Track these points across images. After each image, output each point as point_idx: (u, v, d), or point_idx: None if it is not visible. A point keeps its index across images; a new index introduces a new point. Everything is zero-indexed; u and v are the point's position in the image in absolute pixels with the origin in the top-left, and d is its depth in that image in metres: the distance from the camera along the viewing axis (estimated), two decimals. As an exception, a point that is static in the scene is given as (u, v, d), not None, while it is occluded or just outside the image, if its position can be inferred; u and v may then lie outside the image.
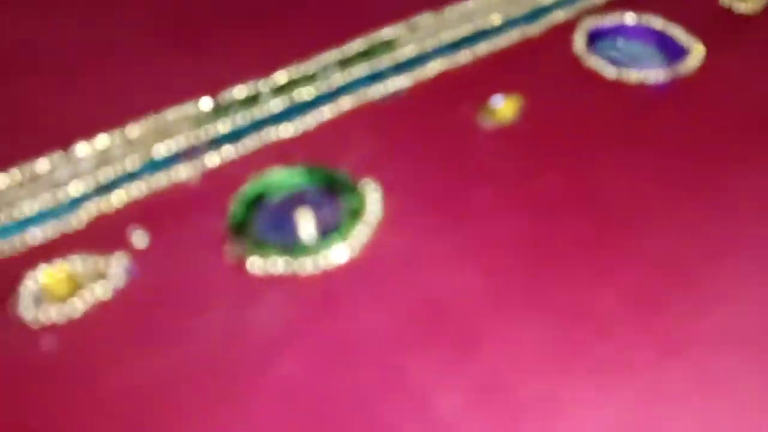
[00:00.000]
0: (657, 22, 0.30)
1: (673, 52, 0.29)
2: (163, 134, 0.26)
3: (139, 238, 0.23)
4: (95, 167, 0.25)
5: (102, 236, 0.23)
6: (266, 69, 0.29)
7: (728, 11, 0.32)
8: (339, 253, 0.22)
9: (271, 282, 0.22)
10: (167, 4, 0.33)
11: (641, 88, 0.28)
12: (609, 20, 0.31)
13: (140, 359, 0.20)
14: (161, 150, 0.26)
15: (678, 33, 0.30)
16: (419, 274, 0.22)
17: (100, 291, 0.22)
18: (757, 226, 0.23)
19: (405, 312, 0.21)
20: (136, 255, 0.23)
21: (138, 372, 0.20)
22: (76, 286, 0.22)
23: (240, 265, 0.22)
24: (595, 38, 0.30)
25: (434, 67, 0.29)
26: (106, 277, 0.22)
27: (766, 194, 0.24)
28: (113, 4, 0.34)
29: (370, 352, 0.20)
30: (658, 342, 0.20)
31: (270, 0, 0.33)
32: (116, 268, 0.22)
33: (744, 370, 0.20)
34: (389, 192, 0.24)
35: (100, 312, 0.21)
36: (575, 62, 0.29)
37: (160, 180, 0.25)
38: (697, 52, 0.29)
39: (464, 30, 0.30)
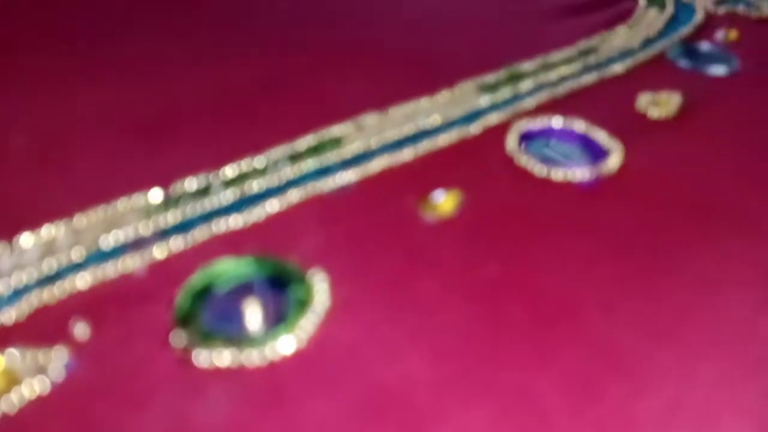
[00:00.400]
0: (581, 126, 0.33)
1: (596, 152, 0.32)
2: (111, 225, 0.27)
3: (81, 331, 0.23)
4: (39, 258, 0.25)
5: (43, 329, 0.23)
6: (218, 162, 0.30)
7: (644, 116, 0.35)
8: (286, 344, 0.23)
9: (218, 374, 0.22)
10: (123, 96, 0.34)
11: (568, 185, 0.30)
12: (538, 123, 0.33)
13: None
14: (109, 240, 0.26)
15: (600, 135, 0.33)
16: (366, 363, 0.22)
17: (38, 386, 0.21)
18: (689, 310, 0.25)
19: (352, 402, 0.21)
20: (78, 348, 0.22)
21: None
22: (13, 380, 0.21)
23: (186, 357, 0.22)
24: (526, 139, 0.33)
25: (379, 163, 0.30)
26: (45, 371, 0.21)
27: (692, 280, 0.26)
28: (67, 94, 0.34)
29: (317, 444, 0.20)
30: (596, 428, 0.21)
31: (224, 96, 0.35)
32: (56, 362, 0.22)
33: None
34: (337, 282, 0.25)
35: (38, 408, 0.21)
36: (508, 161, 0.31)
37: (107, 271, 0.25)
38: (617, 153, 0.32)
39: (407, 129, 0.32)
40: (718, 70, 0.39)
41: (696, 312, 0.25)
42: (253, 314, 0.24)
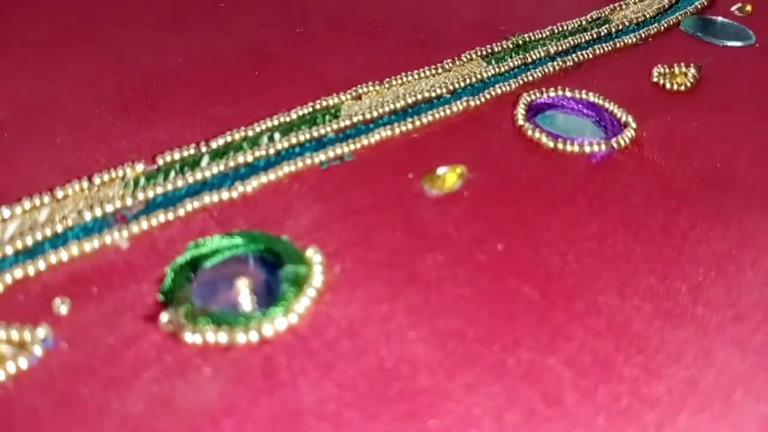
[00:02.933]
0: (593, 97, 0.32)
1: (608, 125, 0.30)
2: (94, 198, 0.25)
3: (63, 307, 0.22)
4: (19, 232, 0.24)
5: (24, 304, 0.22)
6: (206, 133, 0.28)
7: (658, 88, 0.33)
8: (279, 323, 0.21)
9: (206, 354, 0.21)
10: (106, 68, 0.33)
11: (580, 159, 0.29)
12: (548, 95, 0.32)
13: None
14: (93, 214, 0.25)
15: (613, 107, 0.31)
16: (365, 343, 0.21)
17: (19, 363, 0.20)
18: (705, 288, 0.23)
19: (350, 385, 0.20)
20: (60, 325, 0.21)
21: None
22: (-9, 358, 0.20)
23: (173, 336, 0.21)
24: (535, 111, 0.31)
25: (379, 135, 0.29)
26: (26, 348, 0.20)
27: (708, 257, 0.25)
28: (49, 66, 0.33)
29: (313, 428, 0.19)
30: (609, 409, 0.20)
31: (213, 66, 0.33)
32: (37, 339, 0.21)
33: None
34: (332, 259, 0.23)
35: (19, 386, 0.20)
36: (516, 133, 0.30)
37: (89, 246, 0.24)
38: (631, 126, 0.30)
39: (409, 100, 0.31)
40: (733, 42, 0.38)
41: (712, 290, 0.24)
42: (244, 292, 0.22)
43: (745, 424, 0.20)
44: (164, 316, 0.21)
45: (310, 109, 0.30)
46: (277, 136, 0.28)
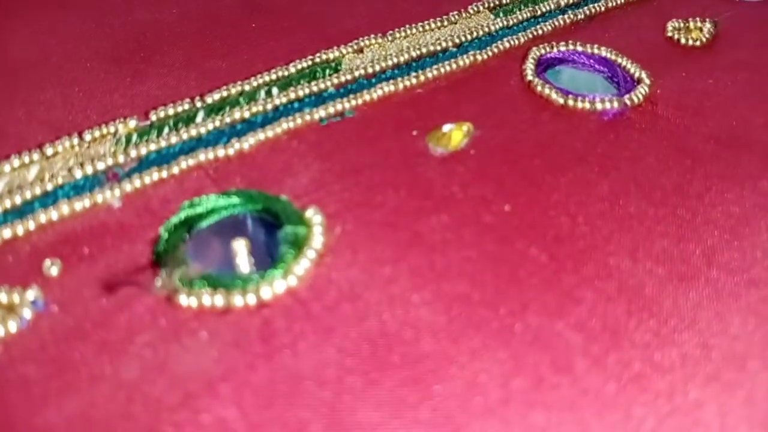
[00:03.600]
0: (605, 52, 0.30)
1: (621, 81, 0.29)
2: (85, 155, 0.24)
3: (54, 268, 0.21)
4: (8, 190, 0.23)
5: (12, 266, 0.21)
6: (202, 88, 0.27)
7: (673, 43, 0.32)
8: (278, 286, 0.21)
9: (202, 317, 0.20)
10: (98, 21, 0.32)
11: (591, 116, 0.28)
12: (559, 49, 0.31)
13: (53, 403, 0.18)
14: (84, 171, 0.24)
15: (626, 63, 0.30)
16: (366, 307, 0.20)
17: (8, 326, 0.19)
18: (719, 251, 0.23)
19: (351, 349, 0.19)
20: (50, 286, 0.21)
21: (51, 418, 0.18)
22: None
23: (167, 299, 0.20)
24: (544, 66, 0.30)
25: (381, 90, 0.28)
26: (15, 311, 0.20)
27: (722, 219, 0.24)
28: (39, 19, 0.32)
29: (313, 393, 0.18)
30: (619, 375, 0.19)
31: (209, 17, 0.32)
32: (27, 301, 0.20)
33: (707, 405, 0.19)
34: (333, 219, 0.23)
35: (8, 350, 0.19)
36: (525, 89, 0.29)
37: (81, 204, 0.23)
38: (645, 82, 0.29)
39: (413, 54, 0.30)
40: (751, -4, 0.37)
41: (726, 253, 0.23)
42: (242, 253, 0.22)
43: (758, 394, 0.19)
44: (158, 281, 0.21)
45: (310, 63, 0.29)
46: (275, 90, 0.27)
